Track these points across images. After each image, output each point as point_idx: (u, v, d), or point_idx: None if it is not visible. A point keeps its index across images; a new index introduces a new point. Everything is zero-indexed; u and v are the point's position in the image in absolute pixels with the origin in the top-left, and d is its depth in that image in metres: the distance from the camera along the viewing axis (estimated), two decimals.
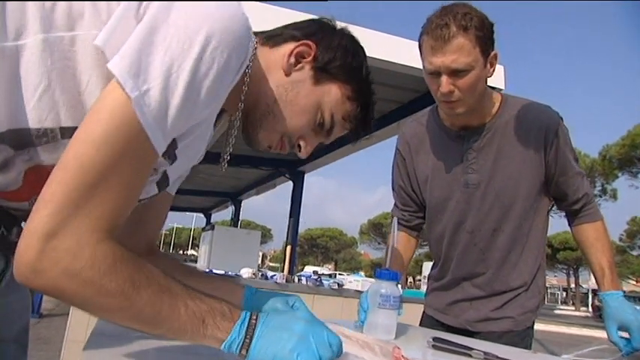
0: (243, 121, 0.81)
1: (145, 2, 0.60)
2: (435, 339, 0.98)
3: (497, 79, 4.62)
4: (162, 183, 0.77)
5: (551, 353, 1.58)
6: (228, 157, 0.84)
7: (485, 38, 1.21)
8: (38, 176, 0.63)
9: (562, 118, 1.39)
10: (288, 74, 0.79)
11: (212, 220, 17.23)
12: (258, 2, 4.17)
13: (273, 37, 0.81)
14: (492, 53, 1.27)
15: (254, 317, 0.60)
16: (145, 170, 0.60)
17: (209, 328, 0.58)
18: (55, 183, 0.53)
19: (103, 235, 0.54)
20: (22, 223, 0.69)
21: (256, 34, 0.81)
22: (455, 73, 1.21)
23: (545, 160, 1.36)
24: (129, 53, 0.55)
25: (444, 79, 1.22)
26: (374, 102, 0.87)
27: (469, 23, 1.18)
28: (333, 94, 0.80)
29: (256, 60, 0.77)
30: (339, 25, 0.87)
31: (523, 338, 1.37)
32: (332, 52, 0.80)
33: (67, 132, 0.61)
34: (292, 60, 0.78)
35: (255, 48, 0.77)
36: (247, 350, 0.58)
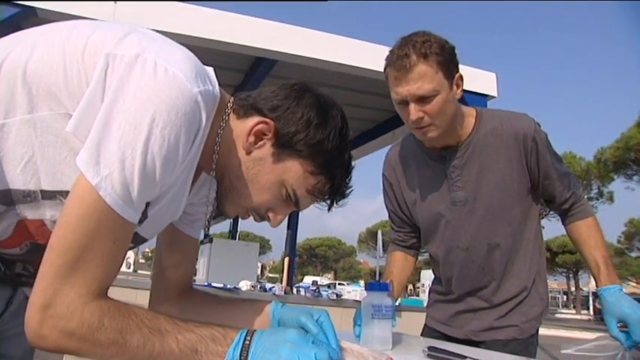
0: (217, 187, 0.85)
1: (107, 86, 0.67)
2: (430, 348, 0.99)
3: (489, 86, 4.64)
4: (135, 239, 0.83)
5: (551, 357, 1.58)
6: (210, 222, 0.93)
7: (446, 62, 1.26)
8: (25, 228, 0.75)
9: (539, 124, 1.41)
10: (248, 153, 0.81)
11: (210, 232, 17.13)
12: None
13: (242, 107, 0.83)
14: (457, 75, 1.32)
15: (248, 338, 0.66)
16: (122, 239, 0.68)
17: (203, 356, 0.65)
18: (45, 262, 0.63)
19: (90, 298, 0.63)
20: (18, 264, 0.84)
21: (233, 96, 0.85)
22: (421, 100, 1.26)
23: (527, 166, 1.39)
24: (89, 146, 0.64)
25: (412, 106, 1.27)
26: (346, 171, 0.85)
27: (428, 50, 1.23)
28: (294, 170, 0.80)
29: (226, 129, 0.81)
30: (312, 88, 0.85)
31: (527, 346, 1.39)
32: (293, 127, 0.79)
33: (47, 194, 0.72)
34: (252, 139, 0.80)
35: (229, 113, 0.82)
36: None
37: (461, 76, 1.33)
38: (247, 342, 0.65)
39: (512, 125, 1.39)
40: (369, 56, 4.31)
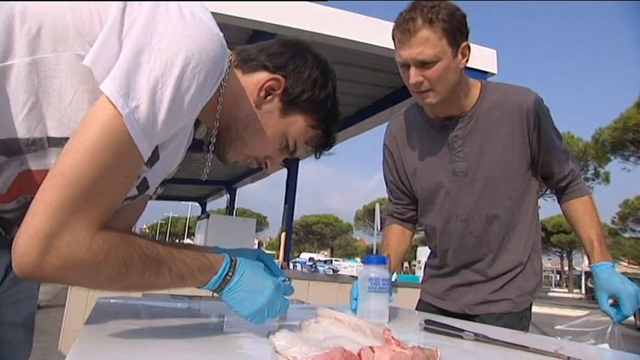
0: (218, 137, 0.87)
1: (126, 25, 0.67)
2: (426, 321, 0.99)
3: (489, 63, 4.61)
4: (141, 186, 0.85)
5: (543, 334, 1.61)
6: (208, 170, 0.92)
7: (452, 29, 1.25)
8: (26, 180, 0.72)
9: (542, 99, 1.41)
10: (257, 106, 0.86)
11: (207, 209, 17.22)
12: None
13: (246, 62, 0.87)
14: (464, 44, 1.31)
15: (230, 273, 0.76)
16: (132, 174, 0.68)
17: (188, 282, 0.73)
18: (53, 188, 0.60)
19: (97, 229, 0.63)
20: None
21: (232, 50, 0.86)
22: (422, 65, 1.26)
23: (529, 141, 1.39)
24: (118, 75, 0.62)
25: (412, 70, 1.28)
26: (337, 124, 0.95)
27: (434, 16, 1.22)
28: (298, 124, 0.88)
29: (230, 82, 0.82)
30: (313, 49, 0.93)
31: (520, 320, 1.41)
32: (301, 86, 0.86)
33: (53, 141, 0.70)
34: (263, 93, 0.85)
35: (230, 67, 0.82)
36: (220, 293, 0.77)
37: (468, 46, 1.32)
38: (229, 277, 0.76)
39: (517, 98, 1.39)
40: (368, 31, 4.25)
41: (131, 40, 0.65)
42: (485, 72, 4.50)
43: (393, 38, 1.32)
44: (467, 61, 1.34)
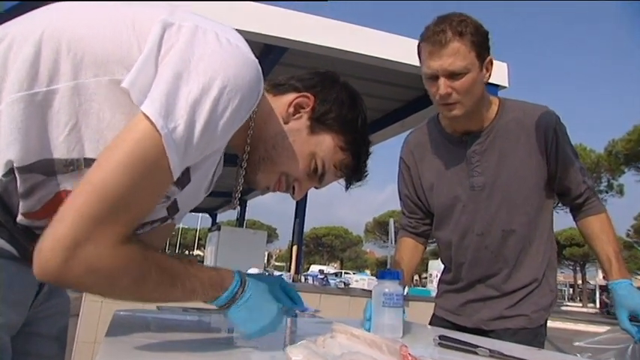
0: (248, 159, 0.88)
1: (163, 51, 0.70)
2: (441, 337, 0.99)
3: (500, 76, 4.60)
4: (171, 209, 0.85)
5: (558, 350, 1.59)
6: (239, 195, 0.92)
7: (480, 43, 1.29)
8: (61, 200, 0.71)
9: (559, 117, 1.43)
10: (286, 122, 0.88)
11: (217, 221, 17.24)
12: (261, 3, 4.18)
13: (277, 86, 0.91)
14: (488, 58, 1.34)
15: (239, 292, 0.77)
16: (160, 191, 0.70)
17: (199, 297, 0.74)
18: (82, 197, 0.62)
19: (120, 240, 0.64)
20: None
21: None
22: (452, 76, 1.28)
23: (546, 157, 1.40)
24: (158, 97, 0.65)
25: (442, 81, 1.29)
26: (367, 151, 0.94)
27: (464, 29, 1.26)
28: (326, 143, 0.89)
29: (260, 106, 0.83)
30: (341, 77, 0.95)
31: (536, 335, 1.40)
32: (329, 104, 0.88)
33: (90, 162, 0.70)
34: (291, 110, 0.88)
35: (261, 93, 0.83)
36: (226, 310, 0.77)
37: (491, 61, 1.35)
38: (237, 295, 0.76)
39: (535, 116, 1.41)
40: (379, 44, 4.27)
41: (169, 64, 0.68)
42: (497, 85, 4.49)
43: (419, 51, 1.34)
44: (490, 75, 1.36)
